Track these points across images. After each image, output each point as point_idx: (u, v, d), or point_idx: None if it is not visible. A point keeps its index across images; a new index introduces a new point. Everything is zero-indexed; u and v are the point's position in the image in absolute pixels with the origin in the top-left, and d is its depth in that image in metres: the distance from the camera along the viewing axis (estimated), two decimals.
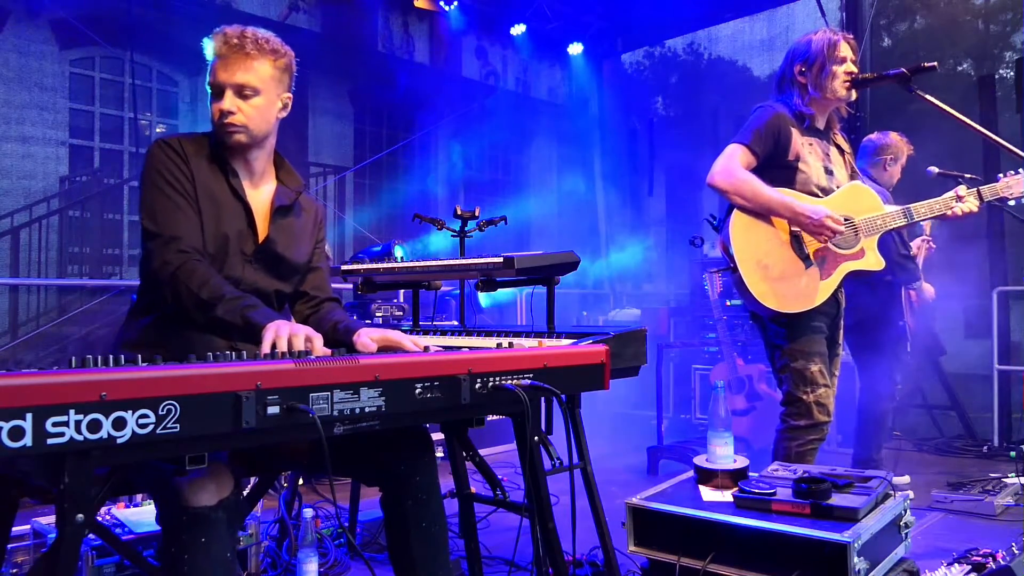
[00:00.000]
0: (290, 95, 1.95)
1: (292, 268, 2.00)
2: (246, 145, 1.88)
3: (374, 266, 2.63)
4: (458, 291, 2.99)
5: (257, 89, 1.83)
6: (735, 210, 2.65)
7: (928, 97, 2.51)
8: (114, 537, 1.88)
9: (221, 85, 1.82)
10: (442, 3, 8.53)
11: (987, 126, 3.63)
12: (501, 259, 2.14)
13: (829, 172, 2.74)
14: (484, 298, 4.93)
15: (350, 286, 3.00)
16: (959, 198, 2.83)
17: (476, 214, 2.93)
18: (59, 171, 7.60)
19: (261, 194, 1.97)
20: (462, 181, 10.61)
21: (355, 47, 8.69)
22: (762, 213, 2.63)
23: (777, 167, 2.66)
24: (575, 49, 9.57)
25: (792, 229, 2.65)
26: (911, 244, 4.11)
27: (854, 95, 2.73)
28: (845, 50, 2.70)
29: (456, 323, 3.12)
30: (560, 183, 10.53)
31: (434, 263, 2.43)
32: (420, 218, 3.06)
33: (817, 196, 2.68)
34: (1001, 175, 3.01)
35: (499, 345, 1.83)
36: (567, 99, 10.93)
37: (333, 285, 2.18)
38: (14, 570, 2.55)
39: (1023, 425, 5.24)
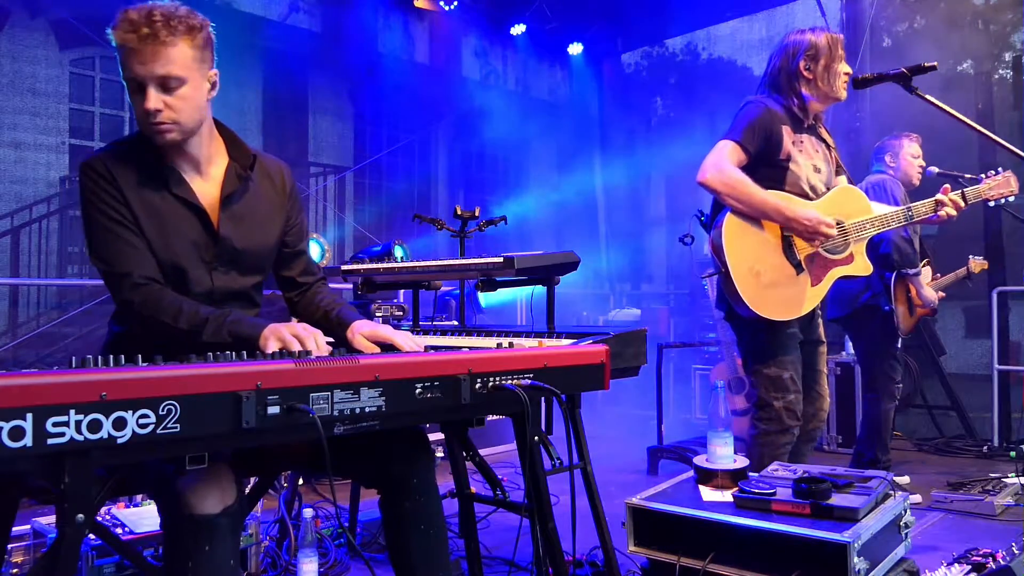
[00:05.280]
0: (215, 71, 1.73)
1: (259, 256, 1.87)
2: (181, 141, 1.70)
3: (374, 266, 2.63)
4: (458, 291, 2.99)
5: (182, 78, 1.62)
6: (728, 213, 2.58)
7: (928, 97, 2.51)
8: (114, 537, 1.88)
9: (140, 80, 1.60)
10: (442, 3, 8.53)
11: (986, 125, 3.64)
12: (501, 259, 2.14)
13: (817, 170, 2.72)
14: (484, 298, 4.93)
15: (350, 286, 3.00)
16: (939, 203, 2.87)
17: (476, 214, 2.93)
18: (50, 176, 7.61)
19: (212, 182, 1.80)
20: (462, 181, 10.61)
21: (355, 47, 8.68)
22: (754, 216, 2.59)
23: (767, 165, 2.63)
24: (575, 49, 9.58)
25: (784, 234, 2.62)
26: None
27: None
28: (842, 50, 2.70)
29: (456, 323, 3.12)
30: (560, 183, 10.53)
31: (434, 263, 2.43)
32: (420, 218, 3.07)
33: (808, 196, 2.67)
34: (983, 176, 3.08)
35: (499, 345, 1.83)
36: (567, 99, 10.93)
37: (333, 285, 2.16)
38: (14, 570, 2.54)
39: (1023, 425, 5.23)
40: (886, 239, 3.71)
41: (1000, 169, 3.10)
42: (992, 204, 3.10)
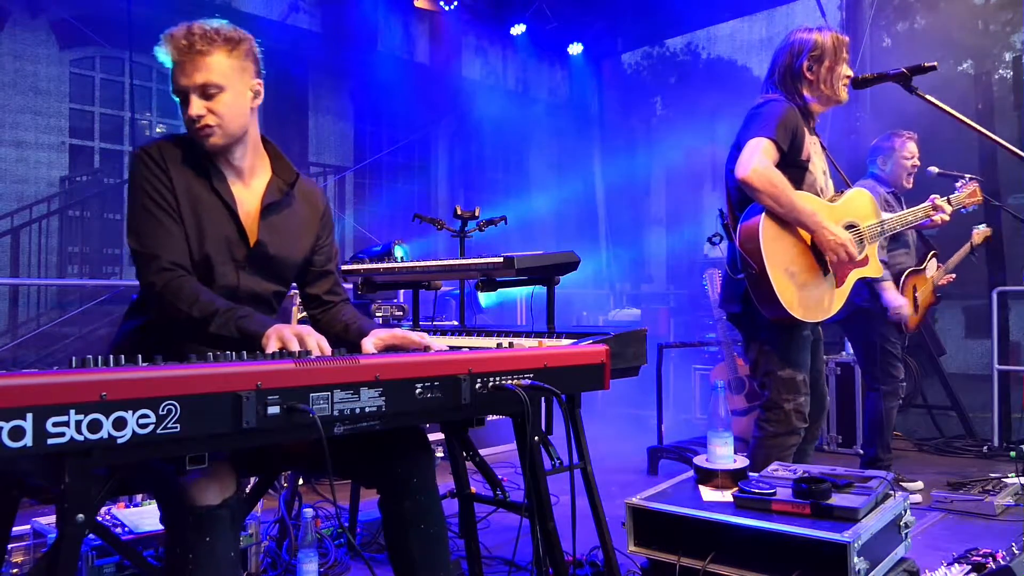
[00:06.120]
0: (259, 81, 1.86)
1: (287, 267, 1.94)
2: (225, 145, 1.80)
3: (374, 266, 2.63)
4: (458, 291, 2.99)
5: (220, 85, 1.74)
6: (765, 214, 2.49)
7: (928, 97, 2.51)
8: (114, 537, 1.87)
9: (184, 90, 1.74)
10: (442, 3, 8.53)
11: (986, 126, 3.63)
12: (501, 259, 2.14)
13: (824, 172, 2.71)
14: (484, 298, 4.93)
15: (350, 286, 3.00)
16: (936, 208, 2.96)
17: (476, 214, 2.93)
18: (51, 175, 7.61)
19: (253, 192, 1.89)
20: (462, 181, 10.60)
21: (355, 47, 8.68)
22: (786, 219, 2.51)
23: (791, 166, 2.55)
24: (575, 49, 9.57)
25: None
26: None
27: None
28: (846, 52, 2.68)
29: (456, 323, 3.12)
30: (560, 183, 10.54)
31: (434, 263, 2.43)
32: (420, 218, 3.07)
33: (820, 198, 2.65)
34: (957, 185, 3.23)
35: (499, 345, 1.83)
36: (567, 99, 10.92)
37: None
38: (14, 570, 2.55)
39: (1023, 425, 5.23)
40: None
41: (967, 178, 3.22)
42: (964, 212, 3.32)
